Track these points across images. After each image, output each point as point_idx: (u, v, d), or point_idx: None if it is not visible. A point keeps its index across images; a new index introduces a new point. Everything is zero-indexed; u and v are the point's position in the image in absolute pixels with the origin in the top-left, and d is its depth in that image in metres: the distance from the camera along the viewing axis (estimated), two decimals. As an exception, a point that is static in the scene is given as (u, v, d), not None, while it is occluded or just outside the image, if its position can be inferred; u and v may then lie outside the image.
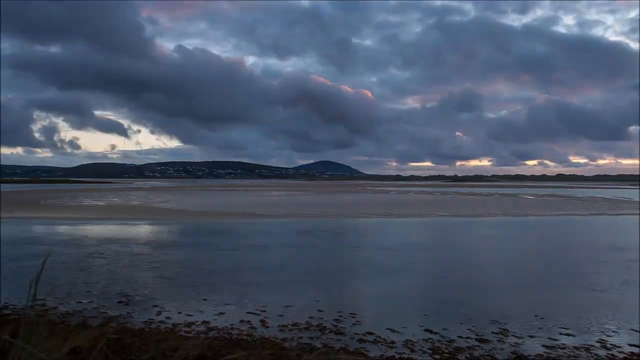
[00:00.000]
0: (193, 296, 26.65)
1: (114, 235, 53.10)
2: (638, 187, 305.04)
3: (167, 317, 22.75)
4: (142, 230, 59.19)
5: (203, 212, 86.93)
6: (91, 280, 30.43)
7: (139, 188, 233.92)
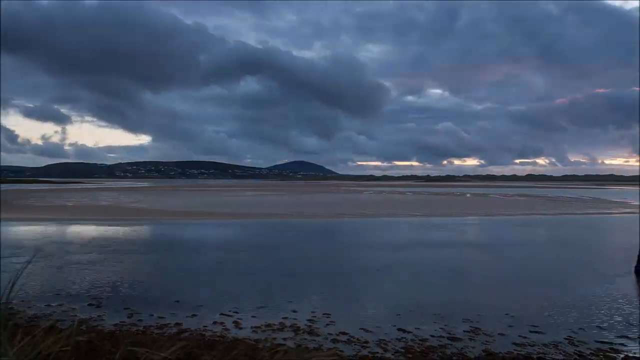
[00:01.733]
0: (166, 298, 26.37)
1: (85, 237, 52.18)
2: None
3: (139, 320, 22.47)
4: (113, 231, 58.32)
5: (179, 212, 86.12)
6: (61, 282, 29.89)
7: (110, 188, 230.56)
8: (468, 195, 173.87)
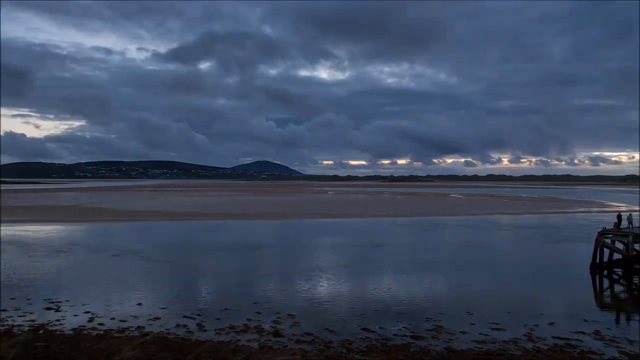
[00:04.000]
0: (127, 301, 25.92)
1: (40, 238, 50.80)
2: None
3: (100, 324, 22.00)
4: (70, 232, 56.94)
5: (145, 212, 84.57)
6: (17, 285, 29.01)
7: (69, 189, 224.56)
8: (431, 195, 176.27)
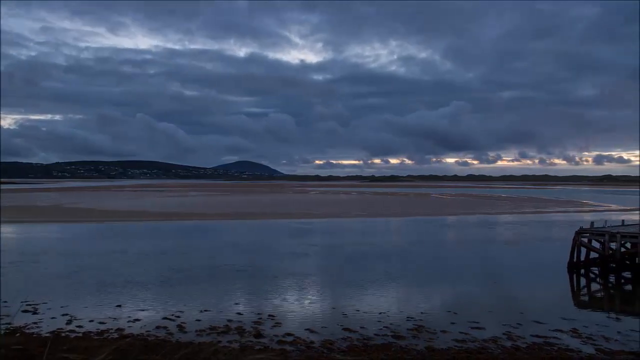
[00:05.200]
0: (106, 303, 25.60)
1: (17, 239, 50.02)
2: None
3: (78, 326, 21.73)
4: (48, 233, 56.18)
5: (124, 212, 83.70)
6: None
7: (49, 189, 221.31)
8: (411, 195, 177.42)
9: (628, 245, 36.31)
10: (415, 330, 21.44)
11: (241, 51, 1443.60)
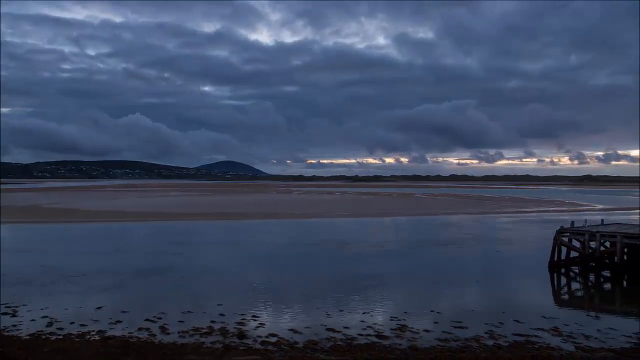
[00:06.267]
0: (87, 305, 25.30)
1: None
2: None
3: (59, 328, 21.46)
4: (26, 233, 55.44)
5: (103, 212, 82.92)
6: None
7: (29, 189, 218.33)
8: (394, 195, 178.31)
9: (607, 244, 36.83)
10: (398, 330, 21.54)
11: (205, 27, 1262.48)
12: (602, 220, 43.86)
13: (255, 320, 22.86)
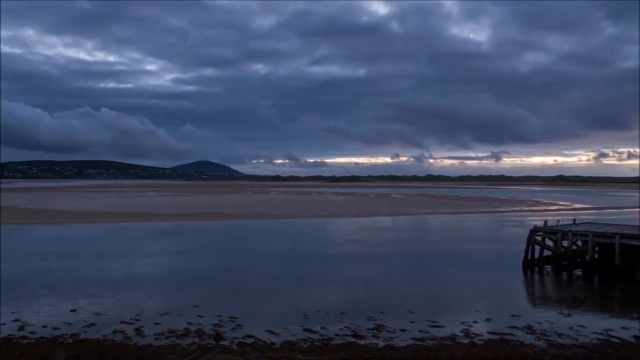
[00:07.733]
0: (60, 308, 24.93)
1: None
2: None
3: (31, 332, 21.08)
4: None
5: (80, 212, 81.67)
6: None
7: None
8: (371, 195, 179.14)
9: (579, 243, 37.48)
10: (375, 329, 21.68)
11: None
12: (574, 219, 44.63)
13: (232, 321, 22.77)
